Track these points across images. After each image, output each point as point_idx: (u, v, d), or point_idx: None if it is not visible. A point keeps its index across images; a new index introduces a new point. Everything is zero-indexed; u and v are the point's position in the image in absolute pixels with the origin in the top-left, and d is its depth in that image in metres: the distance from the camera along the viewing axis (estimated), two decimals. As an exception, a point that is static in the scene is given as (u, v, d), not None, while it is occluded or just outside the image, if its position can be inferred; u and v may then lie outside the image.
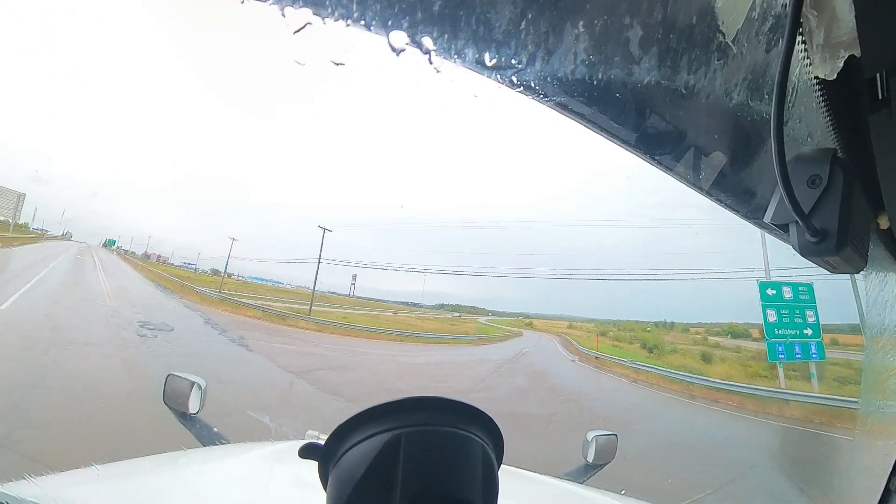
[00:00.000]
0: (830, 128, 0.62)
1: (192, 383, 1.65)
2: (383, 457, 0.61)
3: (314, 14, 0.77)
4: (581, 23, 0.60)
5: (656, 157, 0.73)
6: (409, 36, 0.75)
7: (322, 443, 0.68)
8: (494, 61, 0.71)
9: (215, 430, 1.71)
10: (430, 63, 0.79)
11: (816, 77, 0.53)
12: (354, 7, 0.74)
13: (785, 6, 0.44)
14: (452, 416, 0.68)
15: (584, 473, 1.87)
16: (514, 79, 0.73)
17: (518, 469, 2.17)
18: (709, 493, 6.34)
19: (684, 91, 0.63)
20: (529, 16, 0.63)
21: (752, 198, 0.87)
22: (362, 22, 0.76)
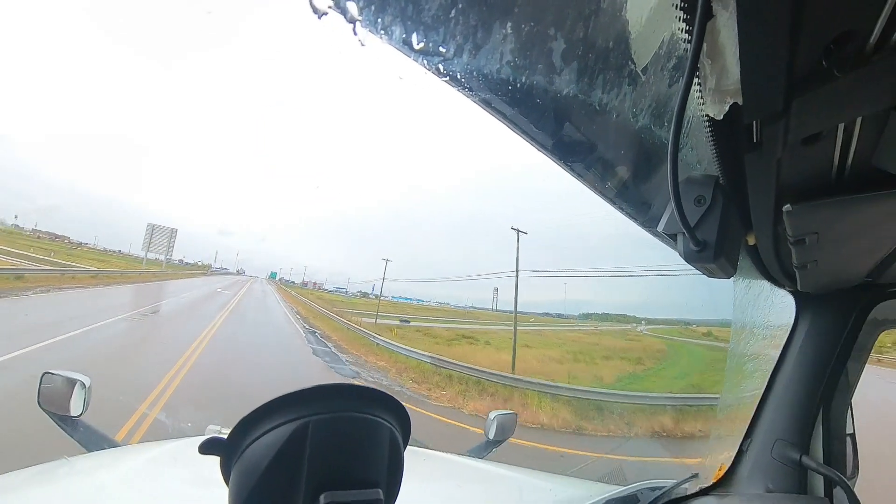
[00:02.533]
0: (715, 158, 0.69)
1: (74, 382, 1.44)
2: (290, 446, 0.60)
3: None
4: (509, 24, 0.59)
5: (569, 164, 0.77)
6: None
7: (225, 437, 0.64)
8: (422, 45, 0.69)
9: (101, 432, 1.53)
10: (355, 34, 0.74)
11: (707, 115, 0.58)
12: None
13: (686, 51, 0.47)
14: (360, 401, 0.68)
15: (485, 449, 1.99)
16: (441, 67, 0.70)
17: (423, 449, 2.27)
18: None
19: (597, 107, 0.66)
20: (459, 5, 0.61)
21: (649, 209, 0.96)
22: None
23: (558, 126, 0.72)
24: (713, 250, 0.75)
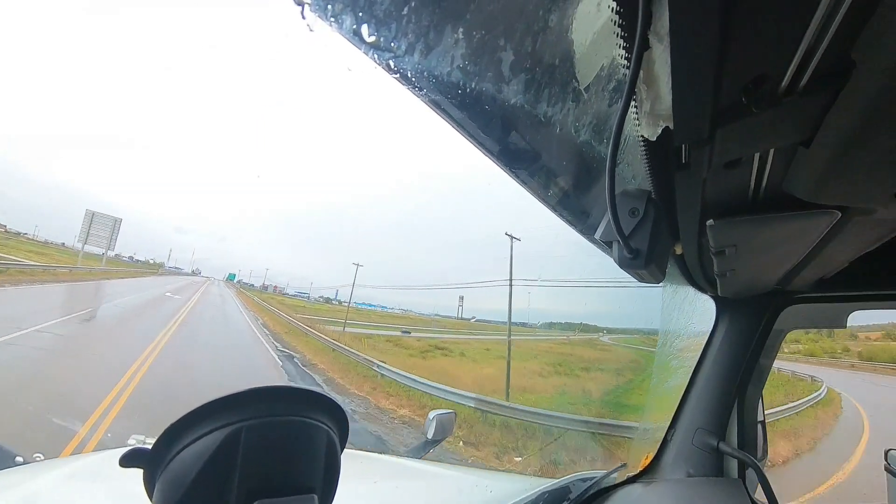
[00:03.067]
0: (648, 175, 0.73)
1: None
2: (220, 454, 0.57)
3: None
4: (461, 29, 0.59)
5: (514, 171, 0.78)
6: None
7: (149, 448, 0.60)
8: (373, 38, 0.67)
9: (6, 447, 1.35)
10: (303, 17, 0.70)
11: (642, 135, 0.61)
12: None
13: (625, 75, 0.49)
14: (296, 404, 0.65)
15: (423, 449, 1.99)
16: (392, 63, 0.69)
17: (361, 451, 2.24)
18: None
19: (542, 119, 0.68)
20: (412, 4, 0.59)
21: (587, 218, 1.00)
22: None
23: (504, 133, 0.74)
24: (644, 258, 0.80)
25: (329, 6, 0.67)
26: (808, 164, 0.64)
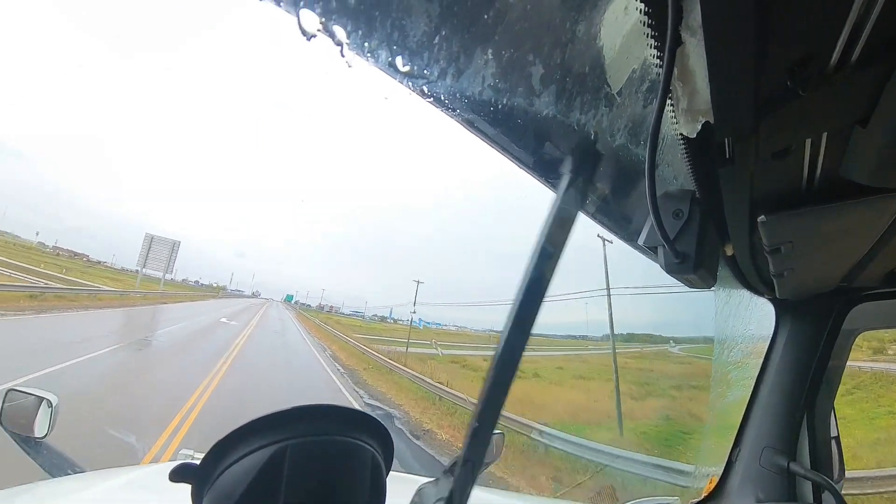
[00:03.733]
0: (691, 174, 0.72)
1: (40, 400, 1.33)
2: (266, 472, 0.58)
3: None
4: (490, 51, 0.62)
5: (550, 181, 0.79)
6: (321, 22, 0.71)
7: (197, 463, 0.62)
8: (407, 68, 0.71)
9: (67, 456, 1.42)
10: (343, 56, 0.75)
11: (681, 133, 0.61)
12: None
13: (659, 74, 0.50)
14: (341, 423, 0.66)
15: None
16: (426, 89, 0.73)
17: (407, 474, 2.19)
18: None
19: (576, 127, 0.69)
20: (443, 33, 0.63)
21: (629, 223, 0.99)
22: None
23: (539, 145, 0.75)
24: (693, 261, 0.77)
25: (366, 43, 0.72)
26: (867, 144, 0.61)
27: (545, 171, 0.78)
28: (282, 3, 0.72)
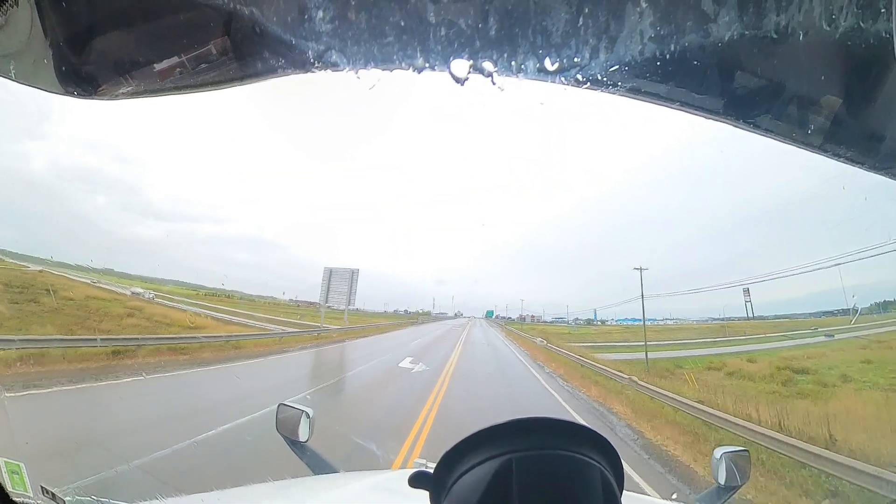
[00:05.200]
0: None
1: (301, 412, 1.68)
2: (496, 484, 0.60)
3: (383, 70, 0.86)
4: (642, -1, 0.59)
5: (751, 121, 0.67)
6: (470, 65, 0.80)
7: (431, 471, 0.67)
8: (557, 65, 0.73)
9: (325, 459, 1.73)
10: (494, 84, 0.82)
11: None
12: (418, 55, 0.81)
13: None
14: (564, 438, 0.64)
15: (718, 497, 1.56)
16: (580, 76, 0.73)
17: (641, 495, 1.90)
18: None
19: (775, 35, 0.57)
20: (586, 10, 0.64)
21: (880, 143, 0.72)
22: (427, 65, 0.83)
23: (727, 81, 0.65)
24: None
25: (512, 62, 0.77)
26: None
27: (741, 110, 0.67)
28: (435, 67, 0.84)
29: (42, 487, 1.27)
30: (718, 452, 1.56)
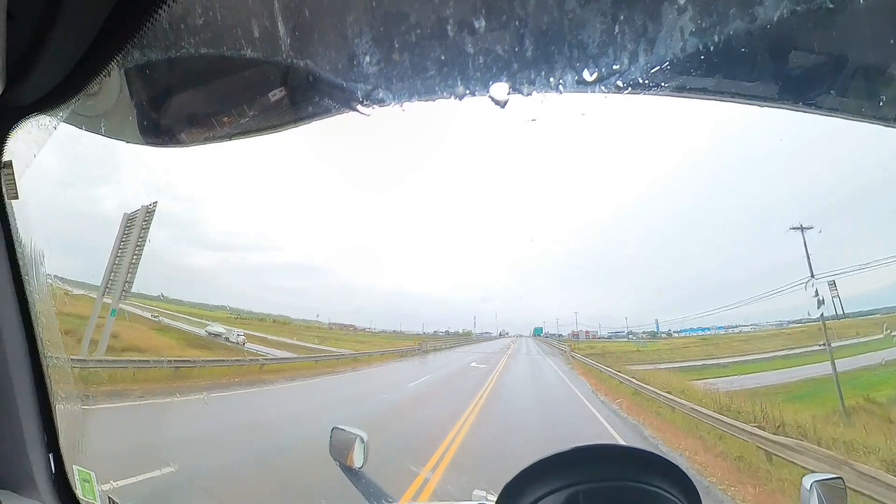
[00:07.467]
0: None
1: (356, 437, 1.58)
2: None
3: (426, 101, 0.91)
4: (679, -4, 0.60)
5: (811, 102, 0.64)
6: (509, 87, 0.84)
7: (492, 503, 0.66)
8: (595, 75, 0.74)
9: (381, 487, 1.61)
10: (533, 102, 0.85)
11: None
12: (459, 84, 0.86)
13: None
14: (632, 468, 0.60)
15: None
16: (620, 83, 0.73)
17: None
18: None
19: (831, 4, 0.55)
20: (622, 17, 0.66)
21: None
22: (468, 92, 0.87)
23: (780, 63, 0.63)
24: None
25: (550, 78, 0.80)
26: None
27: (799, 91, 0.64)
28: (476, 93, 0.88)
29: (109, 498, 1.27)
30: (808, 481, 1.34)
